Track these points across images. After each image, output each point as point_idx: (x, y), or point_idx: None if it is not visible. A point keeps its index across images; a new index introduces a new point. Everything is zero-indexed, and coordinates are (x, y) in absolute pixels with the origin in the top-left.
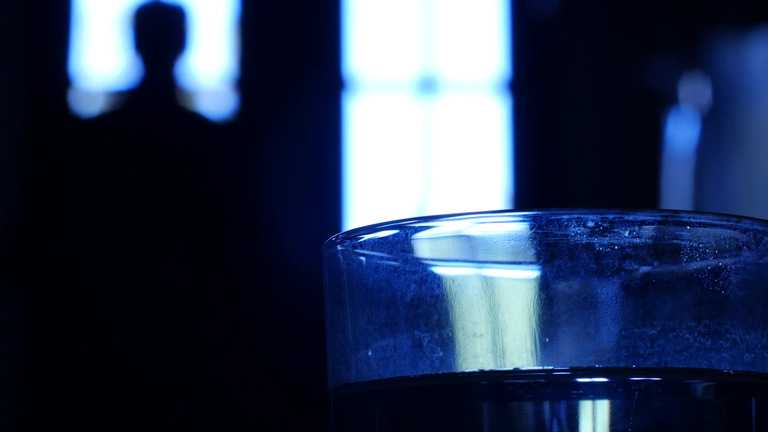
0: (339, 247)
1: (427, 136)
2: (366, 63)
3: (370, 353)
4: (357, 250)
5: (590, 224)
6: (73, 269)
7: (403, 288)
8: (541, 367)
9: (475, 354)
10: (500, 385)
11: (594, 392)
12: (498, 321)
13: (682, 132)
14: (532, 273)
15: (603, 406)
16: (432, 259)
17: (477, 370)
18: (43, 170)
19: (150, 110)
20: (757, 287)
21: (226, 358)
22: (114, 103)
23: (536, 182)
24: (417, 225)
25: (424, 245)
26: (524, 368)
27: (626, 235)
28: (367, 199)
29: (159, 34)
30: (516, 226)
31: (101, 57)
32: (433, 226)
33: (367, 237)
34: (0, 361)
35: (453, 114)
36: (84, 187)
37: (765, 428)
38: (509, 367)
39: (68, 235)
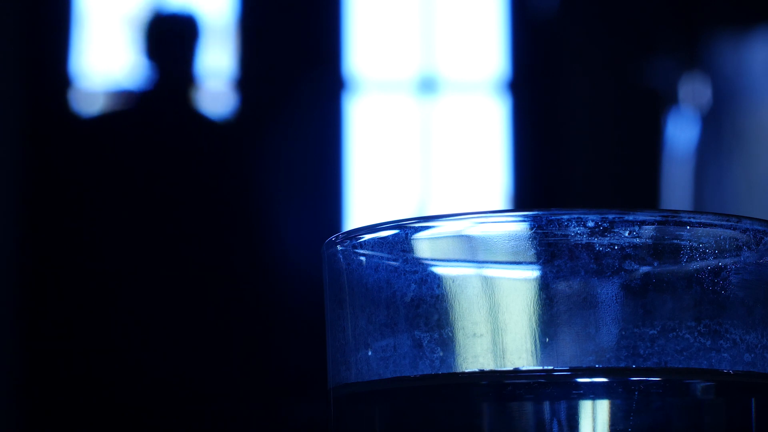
0: (339, 247)
1: (427, 136)
2: (366, 63)
3: (370, 353)
4: (357, 250)
5: (590, 224)
6: (73, 269)
7: (403, 288)
8: (541, 367)
9: (475, 354)
10: (500, 385)
11: (594, 392)
12: (498, 321)
13: (682, 132)
14: (532, 273)
15: (603, 406)
16: (432, 259)
17: (477, 370)
18: (43, 170)
19: (150, 110)
20: (757, 287)
21: (226, 357)
22: (114, 103)
23: (536, 182)
24: (417, 225)
25: (424, 245)
26: (524, 368)
27: (626, 235)
28: (367, 199)
29: (167, 39)
30: (516, 226)
31: (101, 57)
32: (433, 226)
33: (367, 237)
34: (0, 361)
35: (453, 114)
36: (84, 187)
37: (765, 428)
38: (509, 367)
39: (68, 235)
